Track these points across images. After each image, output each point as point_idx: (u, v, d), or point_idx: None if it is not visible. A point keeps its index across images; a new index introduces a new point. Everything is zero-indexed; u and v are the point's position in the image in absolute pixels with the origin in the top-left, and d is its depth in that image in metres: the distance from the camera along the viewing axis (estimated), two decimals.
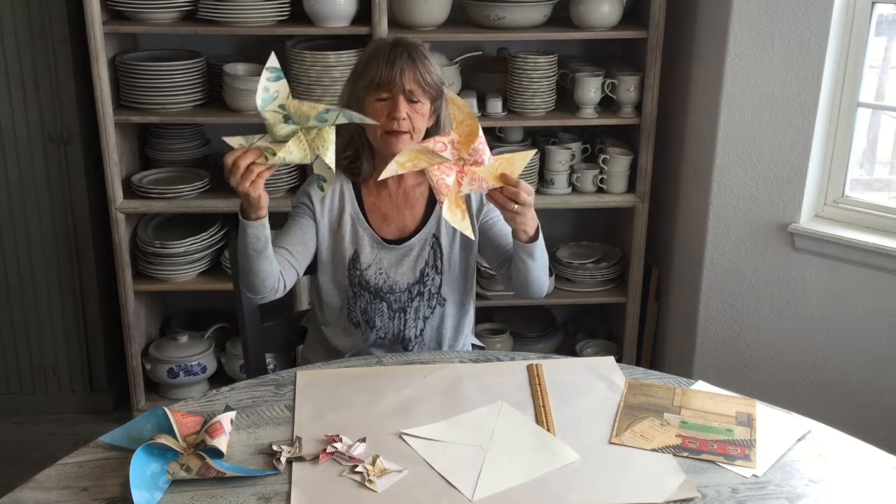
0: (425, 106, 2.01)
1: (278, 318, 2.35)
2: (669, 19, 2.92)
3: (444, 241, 2.11)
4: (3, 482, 1.96)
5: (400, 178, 2.10)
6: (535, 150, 1.89)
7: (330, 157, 1.74)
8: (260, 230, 1.90)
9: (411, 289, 2.12)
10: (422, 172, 2.09)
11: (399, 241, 2.11)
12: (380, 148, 2.03)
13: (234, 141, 1.76)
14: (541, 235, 1.96)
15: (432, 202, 2.12)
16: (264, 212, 1.88)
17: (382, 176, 1.76)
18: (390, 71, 1.96)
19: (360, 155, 2.08)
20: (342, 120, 1.73)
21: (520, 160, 1.79)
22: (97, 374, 3.26)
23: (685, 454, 1.63)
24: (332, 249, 2.11)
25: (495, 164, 1.78)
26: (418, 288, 2.12)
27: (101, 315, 3.19)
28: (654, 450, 1.64)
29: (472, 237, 1.82)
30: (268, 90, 1.71)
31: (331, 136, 1.74)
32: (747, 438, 1.68)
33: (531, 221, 1.91)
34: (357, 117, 1.75)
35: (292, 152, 1.72)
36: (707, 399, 1.80)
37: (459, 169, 1.75)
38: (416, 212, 2.12)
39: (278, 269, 1.98)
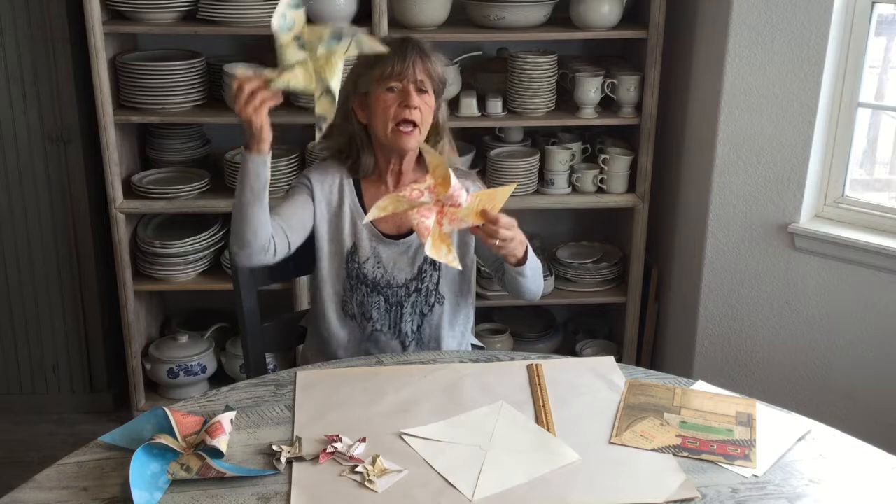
0: (432, 98, 2.03)
1: (278, 318, 2.35)
2: (669, 19, 2.92)
3: None
4: (3, 482, 1.96)
5: (399, 174, 2.11)
6: (514, 185, 1.90)
7: (336, 84, 1.73)
8: (261, 167, 1.87)
9: (409, 284, 2.12)
10: (422, 169, 2.10)
11: (398, 237, 2.11)
12: (389, 143, 2.03)
13: (240, 69, 1.76)
14: (530, 254, 1.99)
15: None
16: (266, 146, 1.85)
17: (366, 220, 1.79)
18: (402, 62, 1.98)
19: (360, 154, 2.08)
20: (352, 50, 1.71)
21: (500, 196, 1.81)
22: (97, 374, 3.26)
23: (685, 454, 1.63)
24: (330, 239, 2.11)
25: (475, 201, 1.79)
26: (416, 284, 2.12)
27: (101, 315, 3.19)
28: (654, 450, 1.64)
29: (459, 268, 1.84)
30: (285, 17, 1.70)
31: (339, 63, 1.72)
32: (747, 438, 1.68)
33: (519, 247, 1.94)
34: (368, 46, 1.74)
35: (298, 77, 1.72)
36: (707, 399, 1.80)
37: (439, 210, 1.77)
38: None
39: (271, 229, 1.95)
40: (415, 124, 2.00)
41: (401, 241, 2.11)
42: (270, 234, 1.95)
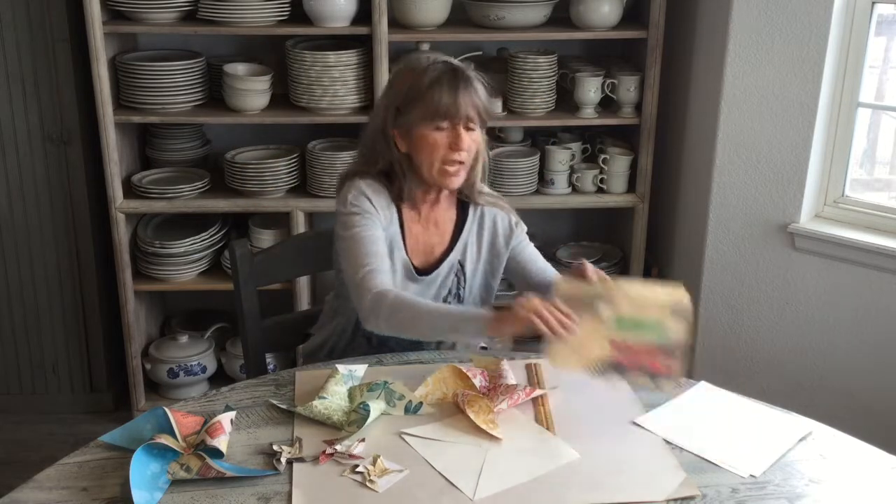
0: (479, 133, 1.94)
1: (278, 318, 2.35)
2: (669, 19, 2.92)
3: (469, 267, 2.06)
4: (3, 482, 1.95)
5: (435, 200, 2.02)
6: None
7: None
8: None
9: None
10: (450, 198, 2.04)
11: (427, 271, 2.02)
12: (434, 182, 1.94)
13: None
14: None
15: (459, 227, 2.05)
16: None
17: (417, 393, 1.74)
18: (455, 100, 1.85)
19: (403, 180, 1.96)
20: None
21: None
22: (97, 374, 3.26)
23: (615, 373, 1.69)
24: None
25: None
26: None
27: (101, 315, 3.19)
28: (589, 371, 1.68)
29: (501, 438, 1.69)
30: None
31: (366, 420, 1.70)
32: (678, 340, 1.68)
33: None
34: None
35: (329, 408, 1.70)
36: (641, 287, 1.76)
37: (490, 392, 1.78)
38: (444, 236, 2.04)
39: None
40: (462, 162, 1.92)
41: (430, 276, 2.03)
42: None
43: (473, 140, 1.92)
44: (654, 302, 1.73)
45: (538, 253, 2.13)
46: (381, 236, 1.93)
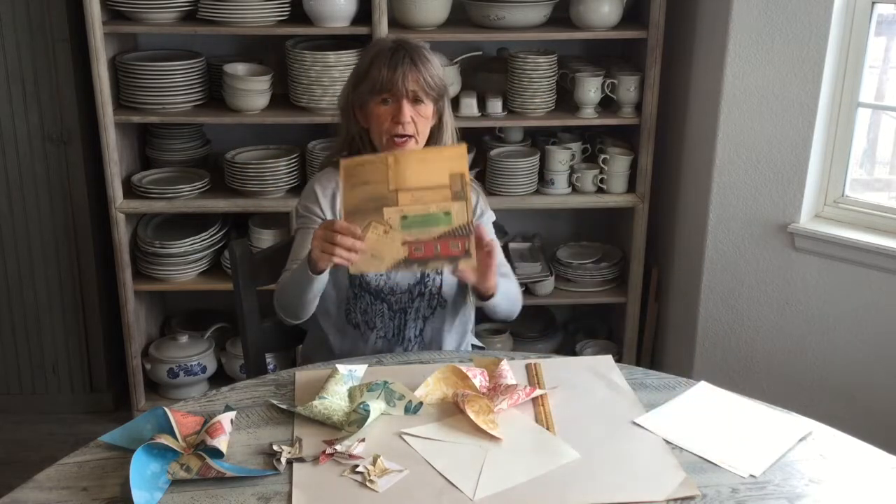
0: (428, 108, 2.02)
1: (278, 318, 2.35)
2: (669, 19, 2.92)
3: None
4: (3, 482, 1.96)
5: None
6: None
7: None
8: (324, 279, 1.94)
9: (412, 290, 2.11)
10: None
11: None
12: (386, 151, 2.02)
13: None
14: (501, 286, 2.02)
15: None
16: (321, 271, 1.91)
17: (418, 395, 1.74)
18: (393, 74, 1.97)
19: (361, 154, 2.07)
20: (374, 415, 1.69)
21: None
22: (97, 374, 3.26)
23: (416, 266, 1.79)
24: None
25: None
26: (419, 289, 2.11)
27: (101, 315, 3.19)
28: (388, 271, 1.81)
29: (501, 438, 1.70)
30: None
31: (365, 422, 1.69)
32: (464, 224, 1.75)
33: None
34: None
35: (329, 407, 1.70)
36: (418, 163, 1.77)
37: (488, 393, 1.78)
38: None
39: None
40: (409, 135, 2.00)
41: None
42: None
43: (420, 113, 2.02)
44: (436, 183, 1.76)
45: (498, 246, 2.13)
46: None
